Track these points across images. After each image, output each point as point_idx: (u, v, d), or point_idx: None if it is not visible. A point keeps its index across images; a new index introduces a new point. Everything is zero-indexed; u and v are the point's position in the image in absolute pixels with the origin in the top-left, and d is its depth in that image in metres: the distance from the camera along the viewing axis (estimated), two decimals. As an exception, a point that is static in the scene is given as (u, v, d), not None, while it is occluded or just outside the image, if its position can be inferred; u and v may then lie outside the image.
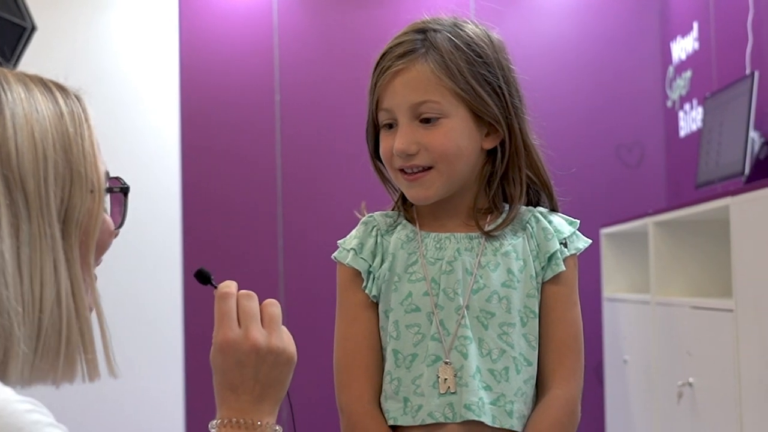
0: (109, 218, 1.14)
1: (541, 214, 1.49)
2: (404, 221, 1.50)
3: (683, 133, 4.39)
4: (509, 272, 1.43)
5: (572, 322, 1.46)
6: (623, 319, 3.79)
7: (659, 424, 3.24)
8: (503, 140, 1.45)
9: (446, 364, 1.40)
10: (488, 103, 1.41)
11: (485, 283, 1.42)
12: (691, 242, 3.17)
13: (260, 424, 1.16)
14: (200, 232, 4.63)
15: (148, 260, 4.38)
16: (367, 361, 1.45)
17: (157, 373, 4.37)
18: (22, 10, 3.65)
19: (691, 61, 4.29)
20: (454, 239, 1.45)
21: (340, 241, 1.52)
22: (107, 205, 1.14)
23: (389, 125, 1.45)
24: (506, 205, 1.48)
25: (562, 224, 1.49)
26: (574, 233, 1.48)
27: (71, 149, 1.07)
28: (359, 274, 1.47)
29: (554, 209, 1.51)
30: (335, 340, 1.49)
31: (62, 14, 4.37)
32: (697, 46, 4.21)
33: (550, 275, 1.45)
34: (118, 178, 1.17)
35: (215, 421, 1.17)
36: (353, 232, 1.51)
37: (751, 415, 2.36)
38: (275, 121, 4.70)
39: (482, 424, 1.38)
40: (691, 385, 2.84)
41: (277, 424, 1.19)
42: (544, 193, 1.51)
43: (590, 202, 4.52)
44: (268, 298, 1.24)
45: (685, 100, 4.37)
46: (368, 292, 1.46)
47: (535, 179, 1.49)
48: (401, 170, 1.44)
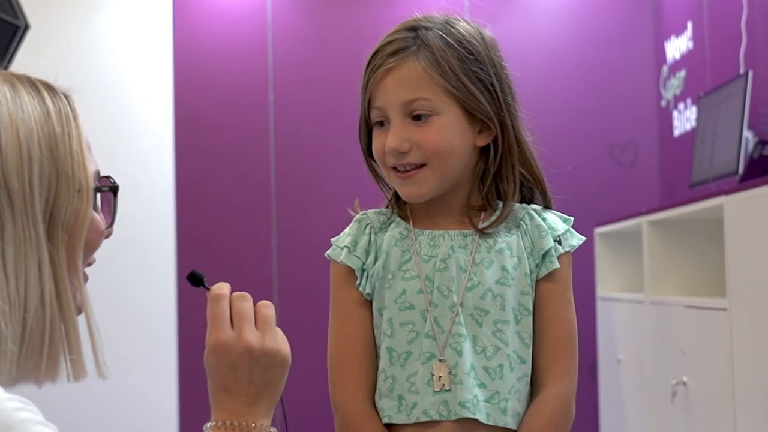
0: (98, 217, 1.14)
1: (535, 211, 1.49)
2: (398, 219, 1.49)
3: (677, 132, 4.39)
4: (503, 269, 1.43)
5: (566, 319, 1.46)
6: (617, 318, 3.79)
7: (653, 423, 3.24)
8: (496, 137, 1.44)
9: (441, 361, 1.40)
10: (480, 100, 1.41)
11: (479, 280, 1.42)
12: (685, 241, 3.17)
13: (255, 426, 1.15)
14: (194, 231, 4.62)
15: (141, 259, 4.37)
16: (361, 359, 1.45)
17: (151, 372, 4.36)
18: (15, 8, 3.64)
19: (685, 60, 4.29)
20: (447, 237, 1.45)
21: (333, 239, 1.51)
22: (98, 204, 1.14)
23: (381, 123, 1.45)
24: (500, 202, 1.48)
25: (556, 221, 1.48)
26: (568, 230, 1.48)
27: (58, 149, 1.07)
28: (353, 271, 1.47)
29: (548, 206, 1.51)
30: (329, 338, 1.48)
31: (56, 13, 4.35)
32: (691, 45, 4.21)
33: (544, 272, 1.45)
34: (108, 177, 1.17)
35: (210, 423, 1.16)
36: (347, 229, 1.51)
37: (744, 414, 2.37)
38: (269, 120, 4.70)
39: (477, 421, 1.38)
40: (684, 384, 2.84)
41: (271, 426, 1.19)
42: (537, 190, 1.51)
43: (584, 201, 4.52)
44: (262, 296, 1.23)
45: (679, 99, 4.37)
46: (362, 289, 1.46)
47: (528, 176, 1.49)
48: (394, 168, 1.44)
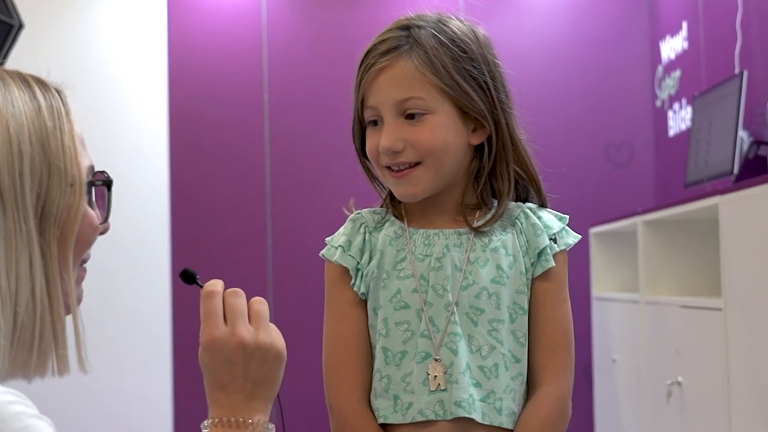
0: (92, 212, 1.13)
1: (530, 209, 1.48)
2: (392, 218, 1.49)
3: (672, 132, 4.39)
4: (498, 268, 1.43)
5: (562, 318, 1.45)
6: (612, 318, 3.79)
7: (648, 423, 3.24)
8: (490, 135, 1.44)
9: (436, 361, 1.39)
10: (473, 98, 1.41)
11: (474, 279, 1.41)
12: (680, 241, 3.17)
13: (252, 422, 1.14)
14: (189, 230, 4.61)
15: (136, 259, 4.36)
16: (356, 359, 1.44)
17: (145, 372, 4.35)
18: (9, 7, 3.64)
19: (680, 60, 4.29)
20: (442, 235, 1.44)
21: (328, 238, 1.51)
22: (92, 199, 1.13)
23: (375, 122, 1.44)
24: (495, 200, 1.47)
25: (551, 220, 1.48)
26: (563, 229, 1.48)
27: (49, 143, 1.06)
28: (347, 271, 1.46)
29: (543, 205, 1.51)
30: (324, 338, 1.48)
31: (50, 12, 4.34)
32: (686, 45, 4.21)
33: (539, 271, 1.45)
34: (102, 171, 1.16)
35: (207, 420, 1.15)
36: (341, 229, 1.50)
37: (739, 413, 2.37)
38: (264, 120, 4.69)
39: (472, 421, 1.38)
40: (680, 384, 2.84)
41: (269, 422, 1.18)
42: (532, 188, 1.50)
43: (579, 201, 4.52)
44: (256, 296, 1.22)
45: (674, 99, 4.37)
46: (357, 289, 1.45)
47: (523, 174, 1.49)
48: (388, 167, 1.43)
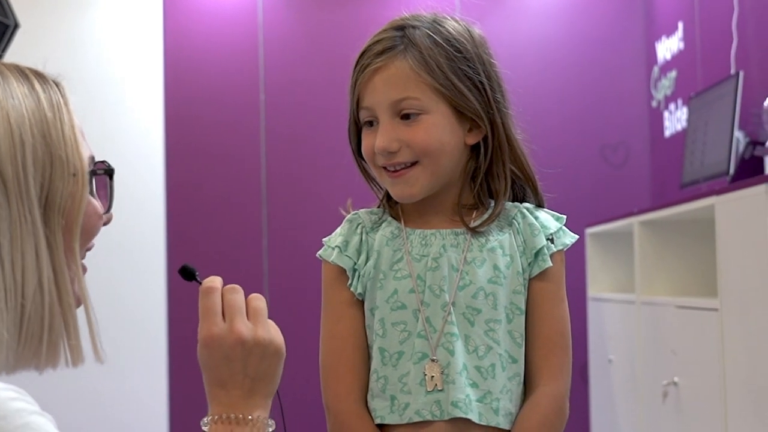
0: (95, 201, 1.13)
1: (527, 209, 1.48)
2: (389, 218, 1.49)
3: (668, 133, 4.40)
4: (495, 268, 1.43)
5: (559, 318, 1.45)
6: (608, 318, 3.79)
7: (644, 423, 3.24)
8: (486, 135, 1.44)
9: (433, 361, 1.39)
10: (469, 98, 1.41)
11: (471, 279, 1.41)
12: (676, 242, 3.17)
13: (251, 418, 1.14)
14: (185, 231, 4.61)
15: (132, 258, 4.36)
16: (353, 359, 1.44)
17: (141, 371, 4.35)
18: (5, 7, 3.63)
19: (676, 61, 4.30)
20: (439, 236, 1.44)
21: (325, 239, 1.51)
22: (94, 189, 1.13)
23: (370, 123, 1.44)
24: (491, 200, 1.47)
25: (548, 220, 1.48)
26: (560, 229, 1.48)
27: (50, 134, 1.06)
28: (344, 271, 1.46)
29: (540, 205, 1.51)
30: (321, 338, 1.48)
31: (46, 12, 4.34)
32: (682, 46, 4.21)
33: (536, 271, 1.45)
34: (103, 161, 1.16)
35: (207, 417, 1.15)
36: (338, 229, 1.50)
37: (735, 414, 2.37)
38: (260, 120, 4.69)
39: (469, 421, 1.38)
40: (676, 384, 2.84)
41: (269, 417, 1.18)
42: (529, 188, 1.50)
43: (575, 201, 4.52)
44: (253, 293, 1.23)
45: (670, 100, 4.37)
46: (353, 289, 1.45)
47: (519, 174, 1.49)
48: (384, 168, 1.43)
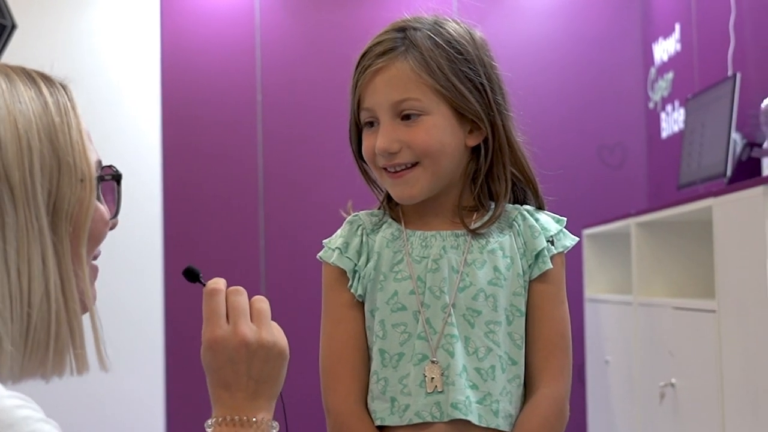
0: (102, 207, 1.12)
1: (527, 211, 1.48)
2: (390, 220, 1.49)
3: (665, 134, 4.40)
4: (496, 270, 1.43)
5: (560, 320, 1.46)
6: (605, 319, 3.79)
7: (641, 424, 3.24)
8: (487, 137, 1.44)
9: (433, 363, 1.39)
10: (469, 99, 1.41)
11: (471, 281, 1.41)
12: (673, 243, 3.17)
13: (255, 420, 1.14)
14: (182, 232, 4.61)
15: (129, 260, 4.35)
16: (353, 361, 1.44)
17: (138, 372, 4.35)
18: (2, 8, 3.63)
19: (672, 62, 4.30)
20: (439, 237, 1.44)
21: (325, 240, 1.51)
22: (101, 194, 1.12)
23: (371, 124, 1.44)
24: (492, 202, 1.47)
25: (549, 222, 1.48)
26: (561, 231, 1.48)
27: (57, 139, 1.05)
28: (345, 273, 1.46)
29: (541, 207, 1.51)
30: (321, 340, 1.48)
31: (43, 12, 4.33)
32: (679, 47, 4.22)
33: (537, 273, 1.45)
34: (110, 166, 1.15)
35: (210, 420, 1.15)
36: (338, 231, 1.50)
37: (733, 415, 2.37)
38: (257, 121, 4.69)
39: (469, 423, 1.38)
40: (673, 385, 2.84)
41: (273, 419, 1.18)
42: (529, 190, 1.50)
43: (572, 203, 4.52)
44: (255, 295, 1.22)
45: (666, 101, 4.38)
46: (354, 291, 1.45)
47: (519, 176, 1.49)
48: (385, 169, 1.43)
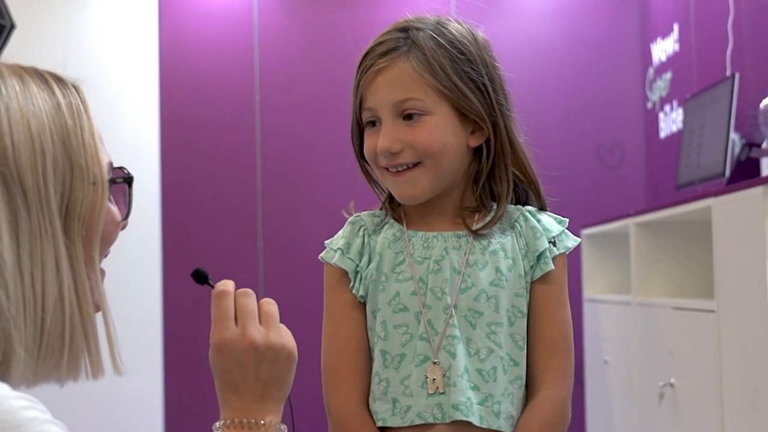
0: (114, 209, 1.11)
1: (529, 212, 1.48)
2: (391, 221, 1.49)
3: (663, 134, 4.40)
4: (497, 271, 1.43)
5: (561, 321, 1.46)
6: (604, 319, 3.79)
7: (640, 425, 3.24)
8: (489, 138, 1.44)
9: (434, 364, 1.39)
10: (471, 100, 1.41)
11: (473, 282, 1.41)
12: (672, 243, 3.17)
13: (264, 423, 1.14)
14: (180, 232, 4.61)
15: (127, 260, 4.34)
16: (354, 362, 1.44)
17: (136, 374, 4.34)
18: (1, 8, 3.63)
19: (671, 62, 4.30)
20: (441, 238, 1.44)
21: (327, 241, 1.51)
22: (112, 196, 1.12)
23: (373, 123, 1.44)
24: (494, 203, 1.47)
25: (551, 223, 1.48)
26: (563, 232, 1.48)
27: (70, 141, 1.04)
28: (346, 274, 1.46)
29: (542, 208, 1.51)
30: (323, 341, 1.48)
31: (42, 12, 4.33)
32: (677, 47, 4.22)
33: (539, 274, 1.45)
34: (121, 168, 1.14)
35: (219, 422, 1.15)
36: (340, 232, 1.50)
37: (732, 415, 2.37)
38: (255, 121, 4.69)
39: (470, 424, 1.38)
40: (672, 385, 2.84)
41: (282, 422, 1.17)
42: (531, 191, 1.50)
43: (571, 203, 4.49)
44: (264, 297, 1.22)
45: (665, 101, 4.38)
46: (355, 292, 1.45)
47: (521, 177, 1.49)
48: (386, 169, 1.43)
